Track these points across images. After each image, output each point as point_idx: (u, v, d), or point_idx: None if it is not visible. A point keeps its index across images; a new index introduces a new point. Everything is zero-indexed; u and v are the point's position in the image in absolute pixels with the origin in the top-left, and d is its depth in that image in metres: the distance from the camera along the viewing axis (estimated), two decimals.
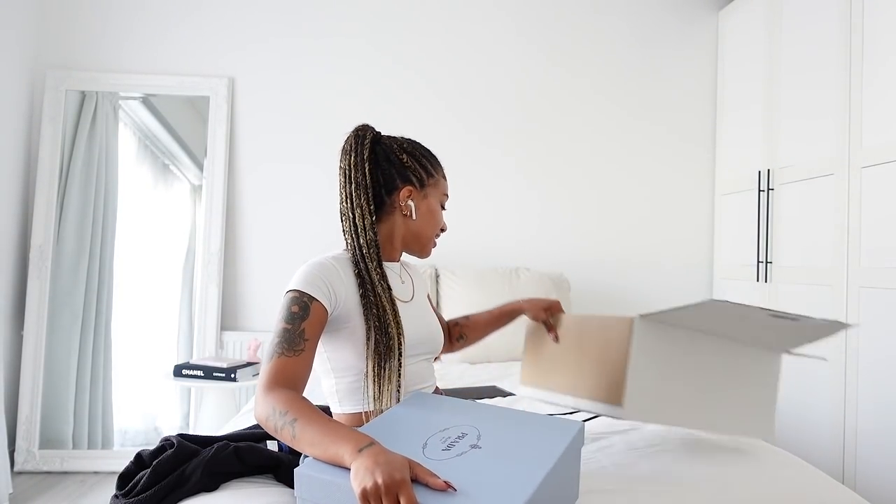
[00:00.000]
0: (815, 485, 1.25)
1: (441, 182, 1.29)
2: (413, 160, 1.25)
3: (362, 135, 1.24)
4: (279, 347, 1.06)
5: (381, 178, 1.24)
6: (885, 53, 2.13)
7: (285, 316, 1.09)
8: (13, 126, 2.81)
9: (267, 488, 1.18)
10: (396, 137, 1.29)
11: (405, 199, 1.23)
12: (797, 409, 2.53)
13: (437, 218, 1.29)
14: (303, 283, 1.12)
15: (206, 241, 2.96)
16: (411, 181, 1.25)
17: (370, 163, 1.23)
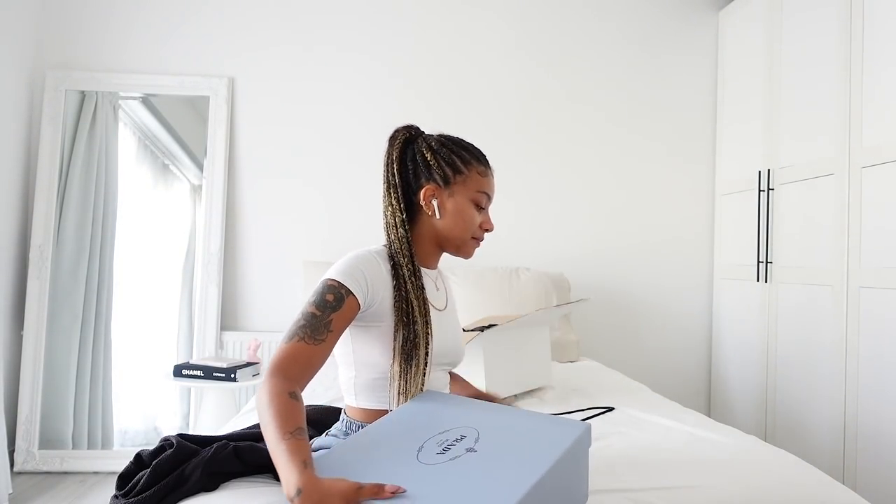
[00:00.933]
0: (815, 485, 1.25)
1: (473, 178, 1.23)
2: (437, 158, 1.22)
3: (396, 136, 1.25)
4: (301, 331, 1.05)
5: (409, 177, 1.24)
6: (885, 53, 2.13)
7: (317, 301, 1.08)
8: (13, 126, 2.81)
9: (267, 488, 1.18)
10: (432, 135, 1.26)
11: (427, 199, 1.22)
12: (797, 409, 2.53)
13: (465, 217, 1.22)
14: (343, 275, 1.11)
15: (205, 241, 2.96)
16: (434, 179, 1.22)
17: (398, 162, 1.23)
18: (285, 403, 0.94)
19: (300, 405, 0.97)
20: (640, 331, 3.22)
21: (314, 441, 1.23)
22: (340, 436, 1.19)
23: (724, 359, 3.11)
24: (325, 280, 1.12)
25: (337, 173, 3.10)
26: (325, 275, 1.13)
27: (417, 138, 1.26)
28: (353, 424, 1.20)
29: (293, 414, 0.93)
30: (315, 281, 2.81)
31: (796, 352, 2.54)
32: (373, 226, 3.11)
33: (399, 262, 1.18)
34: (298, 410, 0.95)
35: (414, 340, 1.13)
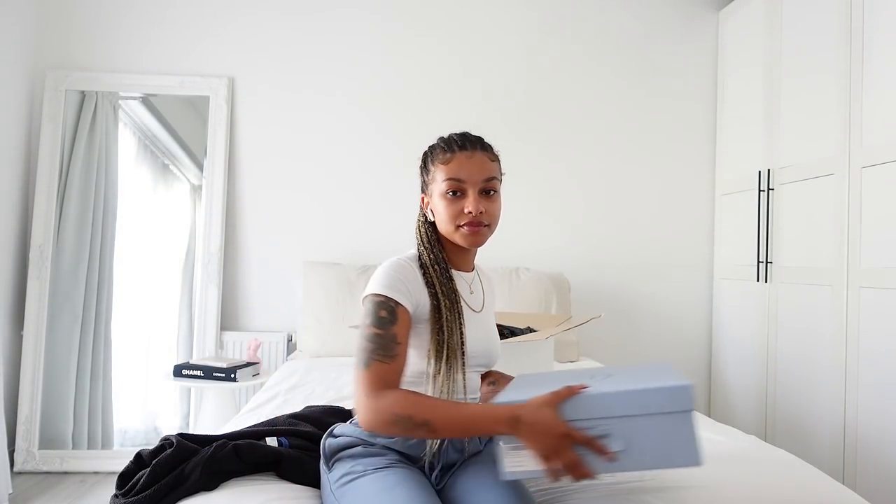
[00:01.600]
0: (815, 485, 1.25)
1: (438, 171, 1.20)
2: (421, 167, 1.28)
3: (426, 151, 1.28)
4: (375, 354, 1.06)
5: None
6: (886, 53, 2.12)
7: (375, 321, 1.09)
8: (13, 126, 2.81)
9: (266, 485, 1.18)
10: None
11: (426, 207, 1.26)
12: (797, 409, 2.53)
13: (440, 211, 1.20)
14: (386, 287, 1.13)
15: (205, 241, 2.96)
16: (423, 189, 1.27)
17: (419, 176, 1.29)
18: (414, 399, 1.02)
19: (421, 394, 1.04)
20: (640, 331, 3.22)
21: (335, 427, 1.23)
22: (359, 427, 1.19)
23: (724, 358, 3.11)
24: (370, 297, 1.13)
25: (337, 173, 3.10)
26: (367, 290, 1.15)
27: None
28: None
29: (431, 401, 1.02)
30: (315, 281, 2.81)
31: (796, 352, 2.54)
32: (373, 225, 3.11)
33: (429, 267, 1.20)
34: (424, 396, 1.04)
35: (448, 342, 1.13)
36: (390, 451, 1.15)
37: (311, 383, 2.19)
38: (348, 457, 1.14)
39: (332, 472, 1.15)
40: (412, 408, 1.00)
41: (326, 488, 1.14)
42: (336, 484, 1.11)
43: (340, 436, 1.20)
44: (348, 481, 1.09)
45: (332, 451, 1.17)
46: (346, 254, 3.06)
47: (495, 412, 0.98)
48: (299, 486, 1.21)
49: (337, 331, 2.71)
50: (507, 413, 0.96)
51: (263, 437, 1.30)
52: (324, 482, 1.17)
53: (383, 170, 3.11)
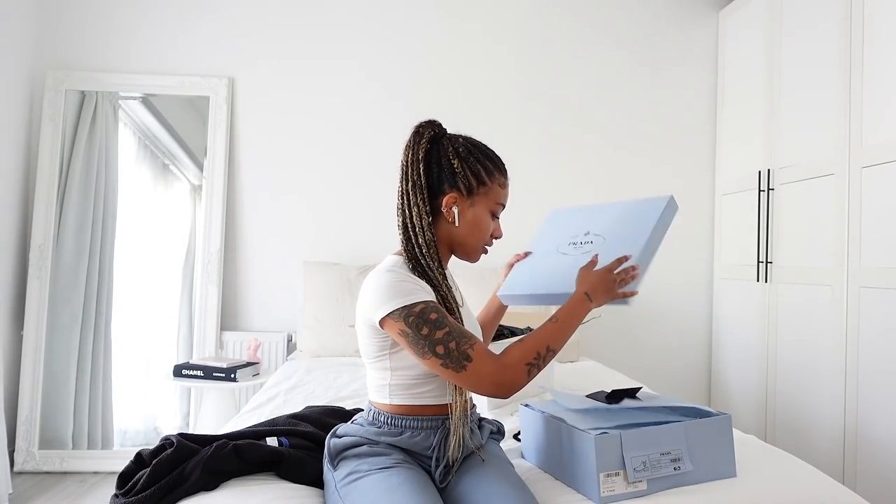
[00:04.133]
0: (815, 485, 1.25)
1: (495, 190, 1.23)
2: (465, 166, 1.20)
3: (421, 132, 1.22)
4: (465, 344, 1.08)
5: (431, 180, 1.21)
6: (886, 53, 2.13)
7: (434, 325, 1.08)
8: (13, 126, 2.81)
9: (266, 485, 1.18)
10: (458, 138, 1.24)
11: (449, 206, 1.20)
12: (797, 409, 2.53)
13: (482, 227, 1.23)
14: (406, 297, 1.10)
15: (205, 241, 2.96)
16: (458, 187, 1.20)
17: (424, 162, 1.20)
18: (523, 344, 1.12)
19: (525, 338, 1.14)
20: (641, 331, 3.22)
21: (339, 427, 1.24)
22: (366, 424, 1.20)
23: (724, 358, 3.11)
24: (402, 314, 1.09)
25: (337, 173, 3.10)
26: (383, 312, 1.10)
27: (443, 138, 1.24)
28: (381, 415, 1.20)
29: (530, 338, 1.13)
30: (315, 282, 2.81)
31: (796, 351, 2.54)
32: (373, 225, 3.11)
33: (429, 265, 1.18)
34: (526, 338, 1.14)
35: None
36: (395, 450, 1.16)
37: (311, 383, 2.19)
38: (353, 456, 1.15)
39: (336, 471, 1.15)
40: (531, 349, 1.11)
41: (331, 487, 1.15)
42: (341, 483, 1.12)
43: (344, 435, 1.20)
44: (353, 480, 1.10)
45: (337, 451, 1.17)
46: (346, 254, 3.06)
47: (572, 303, 1.19)
48: (300, 486, 1.21)
49: (337, 331, 2.71)
50: (577, 297, 1.20)
51: (264, 437, 1.30)
52: (328, 481, 1.17)
53: (384, 169, 3.11)
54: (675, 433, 1.19)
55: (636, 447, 1.15)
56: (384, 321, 1.11)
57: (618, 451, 1.13)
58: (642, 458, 1.15)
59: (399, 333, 1.10)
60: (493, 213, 1.25)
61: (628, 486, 1.14)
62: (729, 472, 1.23)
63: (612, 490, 1.12)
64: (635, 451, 1.14)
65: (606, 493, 1.12)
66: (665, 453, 1.17)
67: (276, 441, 1.28)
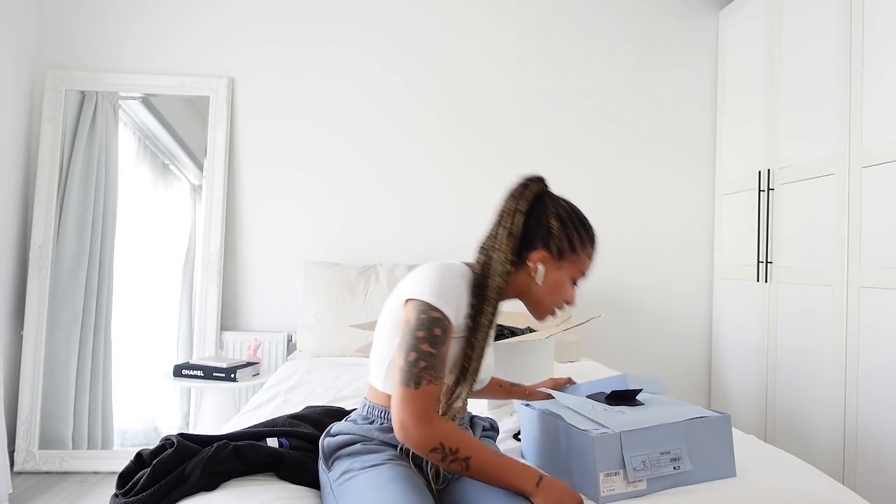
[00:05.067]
0: (815, 485, 1.25)
1: (583, 260, 1.26)
2: (562, 229, 1.22)
3: (529, 185, 1.24)
4: (428, 374, 1.06)
5: (526, 232, 1.22)
6: (886, 53, 2.13)
7: (429, 339, 1.08)
8: (13, 126, 2.81)
9: (266, 486, 1.18)
10: (560, 200, 1.27)
11: (535, 262, 1.22)
12: (797, 409, 2.53)
13: (562, 291, 1.26)
14: (440, 299, 1.11)
15: (206, 241, 2.96)
16: (550, 248, 1.22)
17: (525, 215, 1.22)
18: (462, 436, 1.07)
19: (468, 433, 1.10)
20: (640, 330, 3.22)
21: (333, 426, 1.24)
22: (360, 420, 1.21)
23: (723, 359, 3.11)
24: (425, 307, 1.11)
25: (337, 173, 3.10)
26: (421, 294, 1.12)
27: (546, 196, 1.26)
28: (375, 409, 1.20)
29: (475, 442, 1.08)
30: (315, 282, 2.81)
31: (796, 352, 2.54)
32: (374, 225, 3.11)
33: (486, 306, 1.17)
34: (473, 437, 1.09)
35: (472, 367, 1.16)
36: (388, 448, 1.16)
37: (311, 383, 2.19)
38: (347, 455, 1.15)
39: (331, 471, 1.15)
40: (459, 442, 1.05)
41: (326, 487, 1.15)
42: (336, 482, 1.12)
43: (338, 434, 1.20)
44: (347, 479, 1.10)
45: (331, 450, 1.18)
46: (346, 254, 3.07)
47: (524, 469, 1.07)
48: (299, 487, 1.21)
49: (337, 331, 2.71)
50: (533, 471, 1.07)
51: (264, 438, 1.30)
52: (323, 482, 1.17)
53: (384, 169, 3.11)
54: (675, 433, 1.19)
55: (636, 447, 1.15)
56: (409, 301, 1.13)
57: (617, 450, 1.13)
58: (642, 457, 1.15)
59: (405, 320, 1.13)
60: (574, 280, 1.27)
61: (628, 486, 1.14)
62: (729, 472, 1.23)
63: (612, 490, 1.13)
64: (635, 451, 1.14)
65: (606, 492, 1.12)
66: (665, 453, 1.17)
67: (275, 442, 1.28)
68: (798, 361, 2.53)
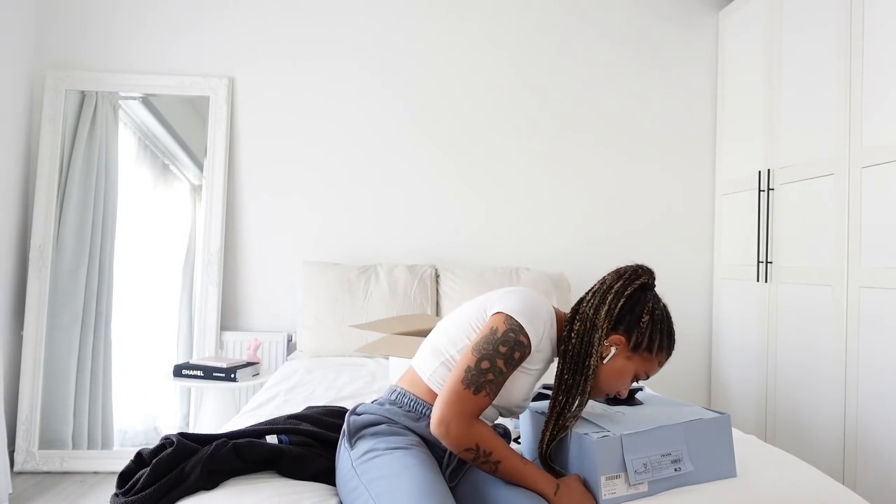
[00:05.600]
0: (815, 485, 1.25)
1: (653, 362, 1.27)
2: (650, 327, 1.24)
3: (639, 274, 1.28)
4: (490, 387, 1.12)
5: (618, 315, 1.25)
6: (886, 53, 2.13)
7: (508, 356, 1.13)
8: (13, 126, 2.81)
9: (266, 483, 1.18)
10: (660, 300, 1.30)
11: (611, 344, 1.23)
12: (797, 409, 2.53)
13: (621, 380, 1.26)
14: (532, 326, 1.17)
15: (206, 241, 2.96)
16: (630, 337, 1.24)
17: (626, 299, 1.25)
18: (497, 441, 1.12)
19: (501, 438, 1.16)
20: None
21: (359, 406, 1.26)
22: (387, 404, 1.23)
23: (723, 358, 3.11)
24: (516, 323, 1.16)
25: (337, 173, 3.10)
26: (509, 310, 1.17)
27: (649, 290, 1.29)
28: (406, 396, 1.22)
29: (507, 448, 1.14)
30: (315, 282, 2.81)
31: (796, 352, 2.54)
32: (374, 225, 3.11)
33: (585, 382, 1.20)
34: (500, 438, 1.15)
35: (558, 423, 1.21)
36: (412, 433, 1.18)
37: (311, 383, 2.19)
38: (371, 434, 1.17)
39: (354, 448, 1.17)
40: (493, 446, 1.11)
41: (346, 464, 1.16)
42: (359, 460, 1.14)
43: (364, 413, 1.22)
44: (371, 458, 1.12)
45: (357, 428, 1.19)
46: (346, 254, 3.07)
47: (544, 477, 1.14)
48: (299, 483, 1.21)
49: (337, 331, 2.71)
50: (552, 481, 1.13)
51: (264, 436, 1.30)
52: (344, 459, 1.18)
53: (385, 169, 3.11)
54: (676, 434, 1.19)
55: (637, 449, 1.15)
56: (498, 313, 1.18)
57: (619, 453, 1.13)
58: (643, 459, 1.15)
59: (490, 327, 1.16)
60: (636, 376, 1.28)
61: (629, 489, 1.14)
62: (729, 473, 1.23)
63: (614, 493, 1.13)
64: (636, 454, 1.14)
65: (608, 495, 1.12)
66: (666, 454, 1.17)
67: (275, 439, 1.28)
68: (798, 361, 2.53)
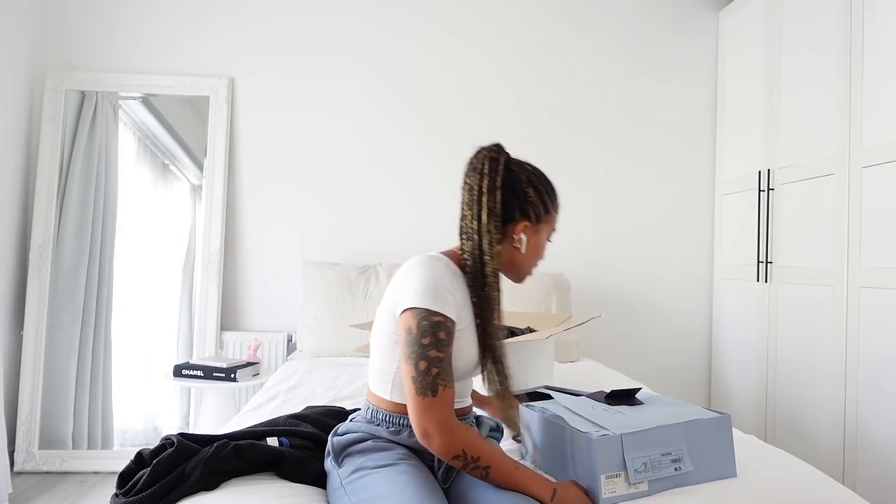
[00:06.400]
0: (815, 485, 1.25)
1: (553, 217, 1.28)
2: (537, 195, 1.23)
3: (497, 158, 1.21)
4: (442, 379, 1.09)
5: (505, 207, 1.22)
6: (886, 53, 2.13)
7: (436, 343, 1.09)
8: (13, 126, 2.81)
9: (266, 485, 1.18)
10: (525, 165, 1.26)
11: (519, 233, 1.22)
12: (797, 409, 2.53)
13: (540, 253, 1.29)
14: (437, 302, 1.11)
15: (206, 241, 2.96)
16: (529, 216, 1.23)
17: (502, 190, 1.20)
18: (484, 445, 1.10)
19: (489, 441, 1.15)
20: (641, 331, 3.22)
21: (340, 427, 1.25)
22: (364, 423, 1.21)
23: (724, 359, 3.11)
24: (425, 313, 1.10)
25: (337, 173, 3.10)
26: (416, 302, 1.11)
27: (512, 165, 1.24)
28: (379, 412, 1.21)
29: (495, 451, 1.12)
30: (315, 282, 2.81)
31: (796, 352, 2.54)
32: (374, 225, 3.11)
33: (493, 292, 1.19)
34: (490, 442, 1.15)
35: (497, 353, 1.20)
36: (398, 446, 1.17)
37: (312, 383, 2.19)
38: (358, 452, 1.16)
39: (342, 467, 1.16)
40: (481, 451, 1.09)
41: (335, 483, 1.15)
42: (347, 479, 1.12)
43: (346, 433, 1.21)
44: (360, 476, 1.11)
45: (342, 448, 1.18)
46: (346, 254, 3.07)
47: (539, 483, 1.11)
48: (300, 486, 1.21)
49: (337, 331, 2.71)
50: (548, 484, 1.11)
51: (264, 437, 1.30)
52: (332, 479, 1.17)
53: (384, 170, 3.11)
54: (676, 433, 1.19)
55: (637, 448, 1.15)
56: (404, 312, 1.12)
57: (619, 452, 1.13)
58: (643, 459, 1.15)
59: (405, 329, 1.11)
60: (548, 238, 1.30)
61: (629, 488, 1.14)
62: (729, 472, 1.24)
63: (614, 492, 1.13)
64: (636, 453, 1.14)
65: (608, 494, 1.12)
66: (666, 454, 1.17)
67: (276, 441, 1.28)
68: (798, 361, 2.53)
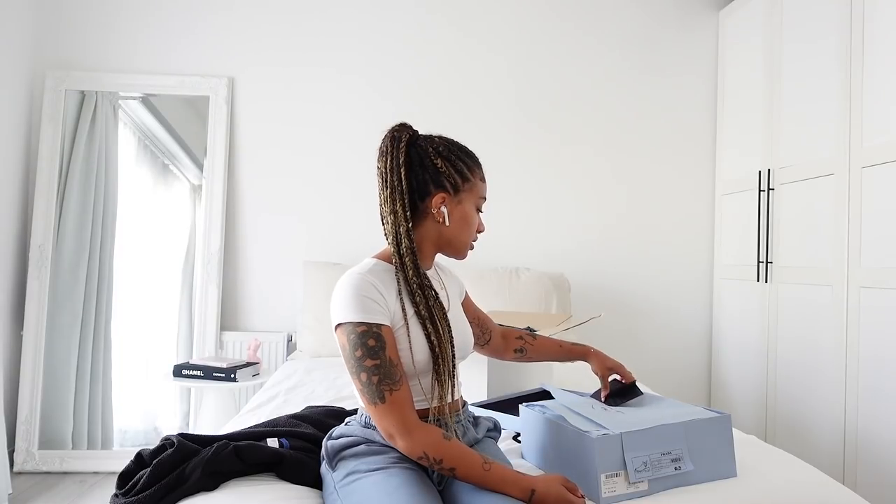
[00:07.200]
0: (815, 485, 1.25)
1: (478, 185, 1.26)
2: (448, 165, 1.21)
3: (398, 136, 1.21)
4: (385, 385, 1.08)
5: (414, 182, 1.20)
6: (886, 53, 2.13)
7: (366, 352, 1.09)
8: (13, 126, 2.81)
9: (266, 486, 1.18)
10: (433, 138, 1.24)
11: (438, 206, 1.20)
12: (797, 409, 2.53)
13: (471, 223, 1.25)
14: (360, 313, 1.10)
15: (205, 241, 2.96)
16: (445, 187, 1.21)
17: (406, 167, 1.19)
18: (444, 444, 1.08)
19: (453, 441, 1.09)
20: (641, 331, 3.22)
21: (334, 430, 1.24)
22: (359, 427, 1.20)
23: (724, 359, 3.11)
24: (348, 327, 1.11)
25: (337, 173, 3.10)
26: (337, 319, 1.12)
27: (419, 140, 1.24)
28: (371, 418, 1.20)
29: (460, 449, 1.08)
30: (315, 281, 2.81)
31: (796, 352, 2.54)
32: (374, 225, 3.10)
33: (407, 274, 1.17)
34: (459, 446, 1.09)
35: (439, 340, 1.15)
36: (392, 450, 1.16)
37: (312, 383, 2.19)
38: (351, 456, 1.15)
39: (335, 471, 1.15)
40: (443, 453, 1.07)
41: (330, 487, 1.15)
42: (341, 483, 1.12)
43: (340, 436, 1.20)
44: (353, 481, 1.10)
45: (335, 451, 1.17)
46: (346, 254, 3.06)
47: (515, 479, 1.07)
48: (299, 487, 1.21)
49: None
50: (525, 482, 1.07)
51: (264, 438, 1.30)
52: (327, 483, 1.17)
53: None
54: (676, 433, 1.19)
55: (637, 447, 1.15)
56: (336, 329, 1.14)
57: (619, 451, 1.13)
58: (643, 458, 1.15)
59: (341, 346, 1.13)
60: (477, 208, 1.28)
61: (629, 487, 1.14)
62: (729, 472, 1.24)
63: (614, 491, 1.13)
64: (636, 452, 1.14)
65: (608, 493, 1.12)
66: (666, 453, 1.17)
67: (276, 442, 1.28)
68: (798, 361, 2.53)
